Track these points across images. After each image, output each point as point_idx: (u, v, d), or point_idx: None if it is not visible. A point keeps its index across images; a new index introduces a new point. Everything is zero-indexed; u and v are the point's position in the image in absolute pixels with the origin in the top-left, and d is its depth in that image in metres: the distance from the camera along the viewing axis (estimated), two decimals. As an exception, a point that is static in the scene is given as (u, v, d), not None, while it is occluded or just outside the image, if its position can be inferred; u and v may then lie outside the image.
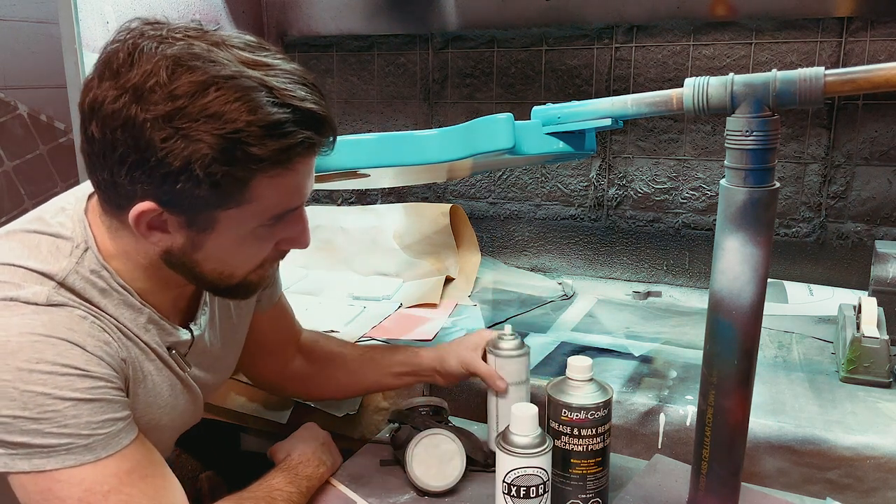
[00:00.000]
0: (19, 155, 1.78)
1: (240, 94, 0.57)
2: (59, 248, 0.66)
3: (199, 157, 0.57)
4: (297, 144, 0.60)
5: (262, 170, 0.59)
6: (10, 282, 0.62)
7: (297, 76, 0.61)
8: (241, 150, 0.57)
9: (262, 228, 0.65)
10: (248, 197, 0.61)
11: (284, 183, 0.62)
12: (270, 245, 0.68)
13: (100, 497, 0.62)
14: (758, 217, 0.67)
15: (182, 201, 0.60)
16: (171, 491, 0.68)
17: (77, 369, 0.61)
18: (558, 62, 1.54)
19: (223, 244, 0.64)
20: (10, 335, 0.59)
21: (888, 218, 1.37)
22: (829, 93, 0.62)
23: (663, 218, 1.54)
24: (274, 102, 0.58)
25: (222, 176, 0.58)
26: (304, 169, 0.63)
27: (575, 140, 0.77)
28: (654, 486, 0.87)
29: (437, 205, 1.61)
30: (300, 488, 0.84)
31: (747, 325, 0.70)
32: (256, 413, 1.13)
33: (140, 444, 0.66)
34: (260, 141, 0.57)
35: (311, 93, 0.61)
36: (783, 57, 1.37)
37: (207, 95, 0.57)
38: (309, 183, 0.66)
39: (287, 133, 0.58)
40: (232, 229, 0.63)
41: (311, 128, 0.60)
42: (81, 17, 1.20)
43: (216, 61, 0.58)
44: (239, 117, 0.56)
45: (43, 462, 0.60)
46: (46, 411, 0.59)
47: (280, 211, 0.65)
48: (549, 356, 1.16)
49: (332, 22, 1.71)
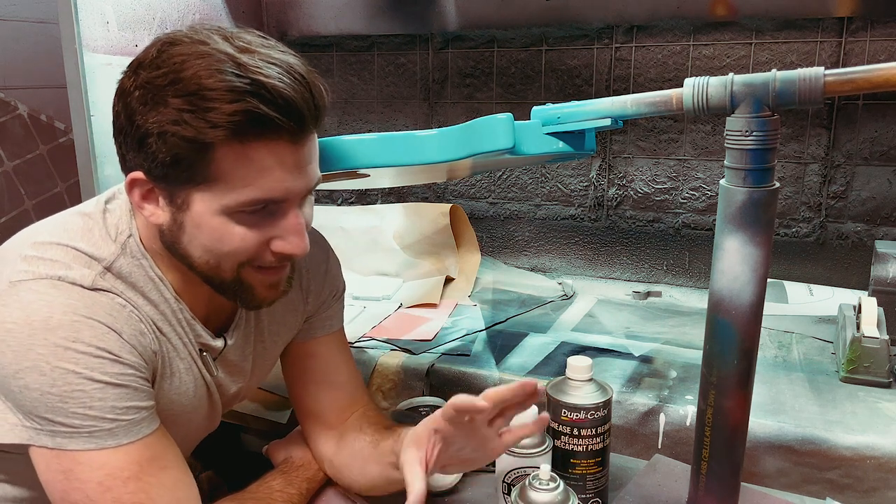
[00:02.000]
0: (19, 155, 1.78)
1: (207, 64, 0.59)
2: (109, 232, 0.68)
3: (165, 120, 0.60)
4: (251, 115, 0.58)
5: (220, 141, 0.59)
6: (61, 261, 0.64)
7: (280, 64, 0.61)
8: (199, 114, 0.59)
9: (243, 216, 0.63)
10: (213, 173, 0.61)
11: (248, 163, 0.61)
12: (257, 239, 0.65)
13: (120, 483, 0.63)
14: (758, 217, 0.67)
15: (158, 170, 0.62)
16: (187, 485, 0.68)
17: (110, 353, 0.62)
18: (558, 62, 1.54)
19: (200, 226, 0.64)
20: (54, 312, 0.61)
21: (888, 218, 1.37)
22: (829, 93, 0.62)
23: (663, 218, 1.54)
24: (237, 74, 0.59)
25: (185, 143, 0.60)
26: (269, 153, 0.61)
27: (575, 140, 0.76)
28: (654, 486, 0.87)
29: (437, 205, 1.61)
30: (300, 489, 0.84)
31: (747, 325, 0.70)
32: (256, 413, 1.13)
33: (161, 436, 0.67)
34: (216, 105, 0.58)
35: (287, 77, 0.60)
36: (783, 57, 1.37)
37: (183, 66, 0.60)
38: (289, 178, 0.63)
39: (239, 100, 0.58)
40: (205, 210, 0.63)
41: (270, 105, 0.59)
42: (81, 17, 1.20)
43: (205, 41, 0.61)
44: (199, 81, 0.59)
45: (66, 441, 0.61)
46: (74, 390, 0.60)
47: (251, 198, 0.62)
48: (549, 356, 1.16)
49: (332, 22, 1.71)
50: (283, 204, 0.65)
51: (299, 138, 0.63)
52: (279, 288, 0.71)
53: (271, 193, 0.63)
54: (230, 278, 0.68)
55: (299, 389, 0.89)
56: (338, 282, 0.90)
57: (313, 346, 0.89)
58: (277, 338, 0.85)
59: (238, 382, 0.82)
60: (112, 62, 1.24)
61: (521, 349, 1.19)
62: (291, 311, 0.85)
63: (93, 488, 0.62)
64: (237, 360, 0.80)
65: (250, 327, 0.81)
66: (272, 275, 0.69)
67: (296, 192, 0.65)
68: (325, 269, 0.88)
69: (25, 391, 0.60)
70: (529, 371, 1.10)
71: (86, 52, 1.21)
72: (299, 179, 0.64)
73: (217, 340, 0.76)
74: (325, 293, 0.88)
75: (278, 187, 0.63)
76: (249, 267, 0.67)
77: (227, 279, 0.68)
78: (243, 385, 0.84)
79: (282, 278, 0.71)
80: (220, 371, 0.78)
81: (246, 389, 0.86)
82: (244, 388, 0.84)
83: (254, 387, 0.88)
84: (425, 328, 1.29)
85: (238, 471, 0.91)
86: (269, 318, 0.83)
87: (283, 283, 0.72)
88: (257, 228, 0.65)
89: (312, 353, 0.89)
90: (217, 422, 0.84)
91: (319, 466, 0.88)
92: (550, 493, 0.69)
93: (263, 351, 0.84)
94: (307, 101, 0.62)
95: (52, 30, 1.55)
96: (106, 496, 0.62)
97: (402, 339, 1.24)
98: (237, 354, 0.80)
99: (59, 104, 1.81)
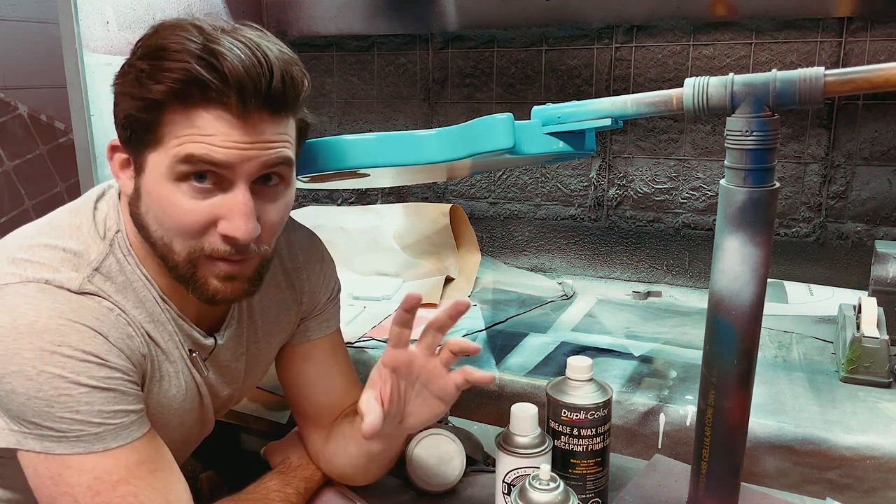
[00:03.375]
0: (19, 155, 1.78)
1: (177, 33, 0.61)
2: (97, 229, 0.68)
3: (127, 81, 0.63)
4: (192, 78, 0.59)
5: (167, 101, 0.61)
6: (49, 264, 0.64)
7: (247, 43, 0.61)
8: (152, 73, 0.61)
9: (188, 186, 0.62)
10: (161, 134, 0.62)
11: (191, 126, 0.61)
12: (202, 214, 0.63)
13: (109, 486, 0.62)
14: (758, 217, 0.67)
15: (122, 133, 0.65)
16: (178, 488, 0.68)
17: (97, 357, 0.62)
18: (558, 62, 1.54)
19: (151, 193, 0.64)
20: (41, 316, 0.61)
21: (888, 218, 1.37)
22: (829, 93, 0.62)
23: (663, 218, 1.54)
24: (192, 40, 0.60)
25: (137, 102, 0.62)
26: (214, 120, 0.61)
27: (575, 140, 0.76)
28: (653, 486, 0.87)
29: (437, 205, 1.61)
30: (297, 489, 0.83)
31: (747, 325, 0.70)
32: (256, 413, 1.13)
33: (151, 439, 0.67)
34: (165, 64, 0.60)
35: (244, 52, 0.60)
36: (783, 57, 1.37)
37: (156, 33, 0.62)
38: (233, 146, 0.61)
39: (185, 62, 0.59)
40: (156, 174, 0.64)
41: (212, 71, 0.59)
42: (81, 17, 1.20)
43: (193, 21, 0.62)
44: (162, 44, 0.61)
45: (53, 446, 0.61)
46: (61, 395, 0.60)
47: (188, 153, 0.61)
48: (549, 356, 1.16)
49: (332, 22, 1.71)
50: (228, 177, 0.63)
51: (246, 113, 0.61)
52: (239, 283, 0.68)
53: (208, 155, 0.61)
54: (183, 262, 0.65)
55: (296, 392, 0.89)
56: (333, 282, 0.90)
57: (310, 349, 0.88)
58: (271, 338, 0.84)
59: (230, 385, 0.81)
60: (112, 62, 1.24)
61: (521, 349, 1.19)
62: (285, 312, 0.84)
63: (82, 492, 0.62)
64: (229, 360, 0.80)
65: (243, 327, 0.80)
66: (227, 267, 0.66)
67: (239, 166, 0.62)
68: (321, 268, 0.88)
69: (12, 395, 0.60)
70: (529, 371, 1.10)
71: (86, 52, 1.21)
72: (243, 153, 0.62)
73: (207, 339, 0.76)
74: (320, 293, 0.88)
75: (217, 151, 0.61)
76: (202, 255, 0.65)
77: (180, 263, 0.66)
78: (236, 388, 0.83)
79: (241, 273, 0.67)
80: (210, 372, 0.77)
81: (240, 393, 0.85)
82: (238, 391, 0.84)
83: (249, 389, 0.88)
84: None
85: (238, 471, 0.91)
86: (263, 318, 0.82)
87: (244, 280, 0.68)
88: (203, 202, 0.63)
89: (309, 357, 0.88)
90: (210, 426, 0.83)
91: (317, 466, 0.88)
92: (550, 493, 0.69)
93: (257, 352, 0.83)
94: (257, 76, 0.60)
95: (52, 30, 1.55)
96: (95, 500, 0.62)
97: (402, 339, 1.24)
98: (229, 354, 0.79)
99: (59, 104, 1.81)
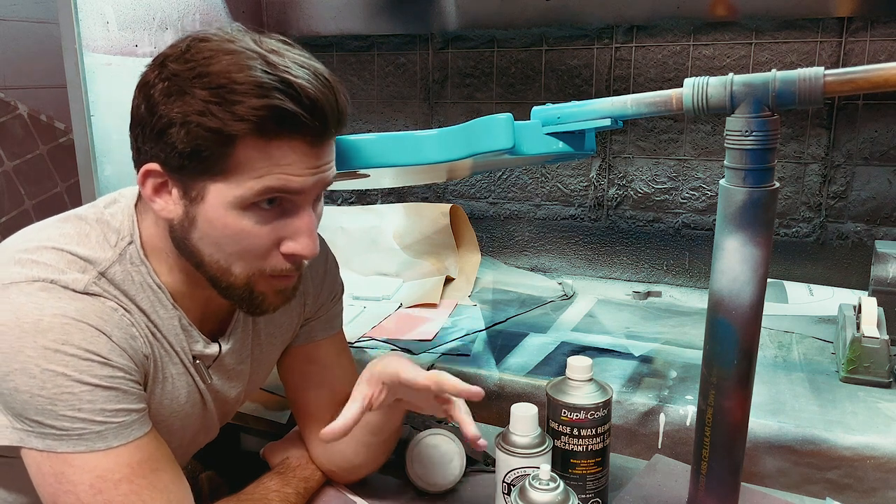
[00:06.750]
0: (19, 155, 1.78)
1: (236, 60, 0.60)
2: (107, 238, 0.68)
3: (190, 111, 0.60)
4: (277, 111, 0.59)
5: (244, 134, 0.60)
6: (55, 265, 0.64)
7: (307, 67, 0.62)
8: (226, 107, 0.59)
9: (255, 211, 0.63)
10: (231, 165, 0.61)
11: (268, 157, 0.61)
12: (268, 237, 0.65)
13: (111, 485, 0.63)
14: (757, 217, 0.67)
15: (176, 160, 0.62)
16: (180, 487, 0.68)
17: (99, 356, 0.62)
18: (558, 62, 1.54)
19: (212, 221, 0.64)
20: (44, 315, 0.61)
21: (888, 218, 1.37)
22: (829, 93, 0.62)
23: (663, 218, 1.54)
24: (265, 71, 0.60)
25: (209, 134, 0.60)
26: (290, 150, 0.62)
27: (575, 140, 0.76)
28: (654, 486, 0.87)
29: (437, 205, 1.61)
30: (297, 489, 0.84)
31: (747, 325, 0.70)
32: (256, 413, 1.13)
33: (153, 439, 0.67)
34: (243, 98, 0.59)
35: (313, 79, 0.61)
36: (783, 57, 1.37)
37: (212, 60, 0.60)
38: (306, 174, 0.63)
39: (268, 95, 0.59)
40: (219, 203, 0.63)
41: (296, 103, 0.60)
42: (81, 17, 1.20)
43: (234, 40, 0.62)
44: (228, 76, 0.60)
45: (56, 444, 0.61)
46: (63, 393, 0.60)
47: (265, 186, 0.62)
48: (549, 356, 1.16)
49: (332, 22, 1.71)
50: (295, 200, 0.65)
51: (320, 139, 0.64)
52: (287, 294, 0.71)
53: (287, 185, 0.63)
54: (241, 283, 0.67)
55: (298, 392, 0.89)
56: (336, 283, 0.90)
57: (313, 350, 0.88)
58: (274, 340, 0.85)
59: (237, 386, 0.82)
60: (112, 62, 1.24)
61: (521, 349, 1.19)
62: (288, 314, 0.84)
63: (84, 491, 0.62)
64: (234, 363, 0.80)
65: (247, 331, 0.81)
66: (283, 281, 0.69)
67: (309, 190, 0.65)
68: (324, 270, 0.88)
69: (15, 393, 0.60)
70: (529, 371, 1.10)
71: (86, 52, 1.20)
72: (315, 177, 0.65)
73: (211, 347, 0.75)
74: (323, 295, 0.88)
75: (294, 181, 0.63)
76: (262, 275, 0.67)
77: (237, 284, 0.67)
78: (241, 390, 0.83)
79: (290, 285, 0.70)
80: (215, 378, 0.77)
81: (246, 393, 0.85)
82: (243, 392, 0.84)
83: (252, 390, 0.88)
84: (425, 328, 1.29)
85: (239, 471, 0.91)
86: (266, 320, 0.82)
87: (292, 290, 0.71)
88: (268, 226, 0.65)
89: (313, 357, 0.88)
90: (215, 430, 0.83)
91: (316, 465, 0.88)
92: (550, 493, 0.69)
93: (260, 354, 0.84)
94: (331, 103, 0.63)
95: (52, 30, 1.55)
96: (97, 499, 0.62)
97: (402, 340, 1.25)
98: (234, 358, 0.80)
99: (59, 104, 1.81)
